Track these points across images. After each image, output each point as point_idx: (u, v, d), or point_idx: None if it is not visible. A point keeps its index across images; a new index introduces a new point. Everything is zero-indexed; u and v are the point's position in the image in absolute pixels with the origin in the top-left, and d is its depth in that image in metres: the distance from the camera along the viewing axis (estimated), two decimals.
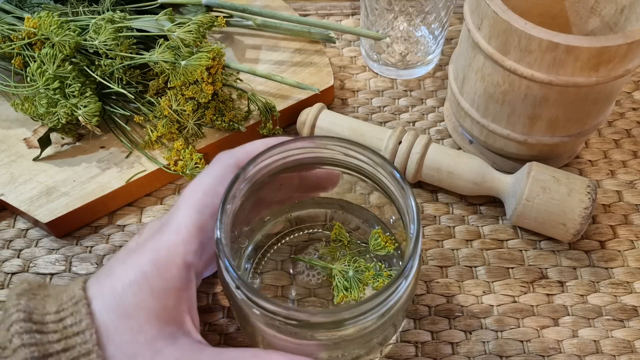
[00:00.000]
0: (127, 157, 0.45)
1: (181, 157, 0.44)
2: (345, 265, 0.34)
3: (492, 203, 0.45)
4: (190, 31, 0.42)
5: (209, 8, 0.51)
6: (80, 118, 0.43)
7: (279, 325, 0.27)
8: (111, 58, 0.43)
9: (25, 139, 0.46)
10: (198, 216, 0.29)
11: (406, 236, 0.30)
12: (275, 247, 0.38)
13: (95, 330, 0.26)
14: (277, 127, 0.47)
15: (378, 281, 0.34)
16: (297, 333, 0.27)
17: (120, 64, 0.43)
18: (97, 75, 0.43)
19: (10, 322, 0.25)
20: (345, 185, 0.36)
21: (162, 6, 0.49)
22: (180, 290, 0.28)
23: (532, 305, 0.40)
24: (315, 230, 0.38)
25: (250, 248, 0.37)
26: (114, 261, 0.29)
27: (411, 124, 0.50)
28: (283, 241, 0.38)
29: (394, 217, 0.35)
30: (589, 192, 0.39)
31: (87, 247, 0.43)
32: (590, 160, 0.48)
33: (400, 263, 0.35)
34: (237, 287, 0.27)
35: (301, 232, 0.39)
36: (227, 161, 0.31)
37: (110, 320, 0.27)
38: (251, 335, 0.31)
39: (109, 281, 0.28)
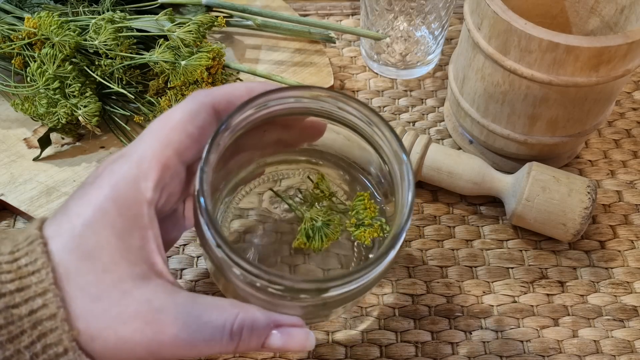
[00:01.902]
0: None
1: None
2: (317, 215, 0.33)
3: (492, 203, 0.45)
4: (190, 31, 0.42)
5: (209, 8, 0.51)
6: (80, 118, 0.43)
7: (259, 287, 0.26)
8: (111, 58, 0.43)
9: (25, 139, 0.46)
10: (162, 150, 0.27)
11: (395, 203, 0.30)
12: (254, 188, 0.37)
13: (52, 269, 0.24)
14: None
15: (359, 230, 0.33)
16: (277, 295, 0.27)
17: (120, 64, 0.43)
18: (97, 75, 0.43)
19: None
20: (332, 136, 0.34)
21: (162, 6, 0.49)
22: (144, 229, 0.26)
23: (532, 305, 0.40)
24: (300, 178, 0.38)
25: (227, 189, 0.36)
26: (71, 197, 0.27)
27: (411, 124, 0.50)
28: (262, 182, 0.37)
29: (383, 181, 0.35)
30: (589, 192, 0.39)
31: None
32: (590, 160, 0.48)
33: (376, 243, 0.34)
34: (218, 246, 0.26)
35: (284, 179, 0.37)
36: (202, 99, 0.29)
37: (70, 261, 0.25)
38: (228, 292, 0.30)
39: (66, 220, 0.26)
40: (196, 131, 0.28)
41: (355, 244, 0.36)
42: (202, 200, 0.26)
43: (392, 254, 0.27)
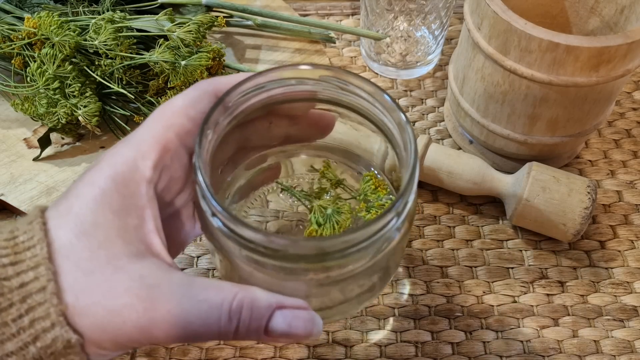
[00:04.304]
0: None
1: None
2: (327, 203, 0.33)
3: (492, 203, 0.45)
4: (190, 31, 0.42)
5: (209, 8, 0.51)
6: (80, 118, 0.43)
7: (257, 259, 0.26)
8: (111, 58, 0.43)
9: (25, 139, 0.46)
10: (162, 132, 0.27)
11: (401, 175, 0.29)
12: (261, 191, 0.37)
13: (46, 244, 0.24)
14: None
15: (370, 214, 0.32)
16: (277, 268, 0.26)
17: (120, 64, 0.43)
18: (97, 75, 0.43)
19: None
20: (340, 129, 0.34)
21: (162, 6, 0.49)
22: (142, 208, 0.26)
23: (532, 305, 0.40)
24: (306, 174, 0.37)
25: (234, 192, 0.35)
26: (74, 182, 0.27)
27: (411, 124, 0.50)
28: (270, 185, 0.37)
29: (387, 161, 0.34)
30: (589, 192, 0.39)
31: None
32: (590, 160, 0.48)
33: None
34: (214, 215, 0.25)
35: (291, 180, 0.37)
36: (205, 87, 0.29)
37: (67, 238, 0.25)
38: (229, 276, 0.30)
39: (65, 201, 0.26)
40: (198, 116, 0.28)
41: None
42: (199, 170, 0.26)
43: (393, 220, 0.26)
